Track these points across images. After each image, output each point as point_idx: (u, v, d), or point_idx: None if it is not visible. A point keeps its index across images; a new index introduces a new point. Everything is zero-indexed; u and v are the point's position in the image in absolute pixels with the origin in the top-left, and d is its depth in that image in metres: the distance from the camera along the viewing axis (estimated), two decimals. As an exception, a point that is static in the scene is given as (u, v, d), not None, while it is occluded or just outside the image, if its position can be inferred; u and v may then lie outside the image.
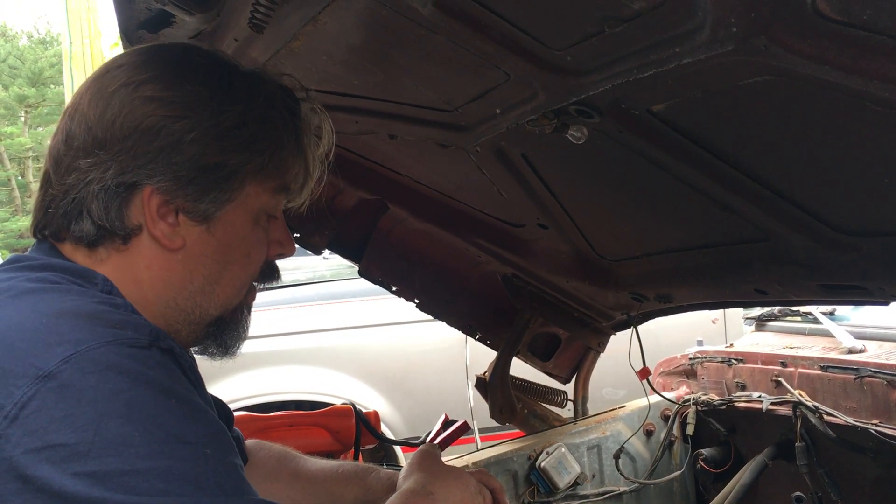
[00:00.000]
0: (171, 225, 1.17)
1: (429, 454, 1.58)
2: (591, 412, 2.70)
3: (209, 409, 1.07)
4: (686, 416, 2.58)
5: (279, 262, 1.39)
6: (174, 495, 0.91)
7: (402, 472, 1.53)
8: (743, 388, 2.54)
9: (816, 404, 2.18)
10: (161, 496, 0.90)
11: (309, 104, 1.31)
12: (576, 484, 2.39)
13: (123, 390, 0.94)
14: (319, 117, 1.34)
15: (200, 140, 1.15)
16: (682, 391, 2.72)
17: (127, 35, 1.63)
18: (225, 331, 1.28)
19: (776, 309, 3.00)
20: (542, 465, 2.33)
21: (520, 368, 2.70)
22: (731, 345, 2.89)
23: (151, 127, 1.14)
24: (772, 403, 2.32)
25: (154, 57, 1.22)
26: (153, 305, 1.18)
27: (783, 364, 2.43)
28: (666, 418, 2.62)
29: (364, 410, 2.90)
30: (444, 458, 2.07)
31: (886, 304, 1.58)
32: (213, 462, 0.97)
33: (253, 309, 1.36)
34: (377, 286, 2.62)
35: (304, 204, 1.39)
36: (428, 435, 2.77)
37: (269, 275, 1.35)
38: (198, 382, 1.13)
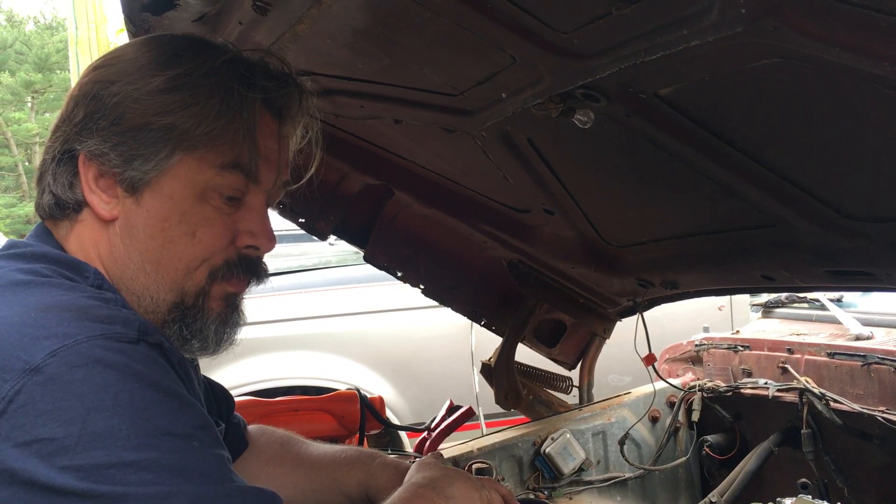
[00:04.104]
0: (111, 196, 1.18)
1: (434, 461, 1.55)
2: (596, 398, 2.70)
3: (197, 403, 1.07)
4: (691, 402, 2.57)
5: (274, 258, 1.33)
6: (162, 486, 0.92)
7: (409, 473, 1.51)
8: (749, 374, 2.54)
9: (823, 391, 2.17)
10: (148, 486, 0.91)
11: (295, 86, 1.27)
12: (580, 470, 2.39)
13: (110, 384, 0.94)
14: (304, 98, 1.28)
15: (123, 102, 1.15)
16: (687, 378, 2.72)
17: (131, 18, 1.62)
18: (186, 321, 1.21)
19: (783, 295, 2.99)
20: (547, 450, 2.33)
21: (525, 355, 2.70)
22: (738, 331, 2.88)
23: (87, 93, 1.17)
24: (778, 390, 2.31)
25: (139, 39, 1.27)
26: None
27: (790, 351, 2.42)
28: (671, 405, 2.62)
29: (369, 396, 2.91)
30: (448, 444, 2.06)
31: (894, 290, 1.57)
32: (200, 454, 0.98)
33: (260, 294, 1.32)
34: (382, 272, 2.62)
35: (298, 187, 1.37)
36: (433, 420, 2.77)
37: (247, 269, 1.25)
38: (187, 377, 1.12)
